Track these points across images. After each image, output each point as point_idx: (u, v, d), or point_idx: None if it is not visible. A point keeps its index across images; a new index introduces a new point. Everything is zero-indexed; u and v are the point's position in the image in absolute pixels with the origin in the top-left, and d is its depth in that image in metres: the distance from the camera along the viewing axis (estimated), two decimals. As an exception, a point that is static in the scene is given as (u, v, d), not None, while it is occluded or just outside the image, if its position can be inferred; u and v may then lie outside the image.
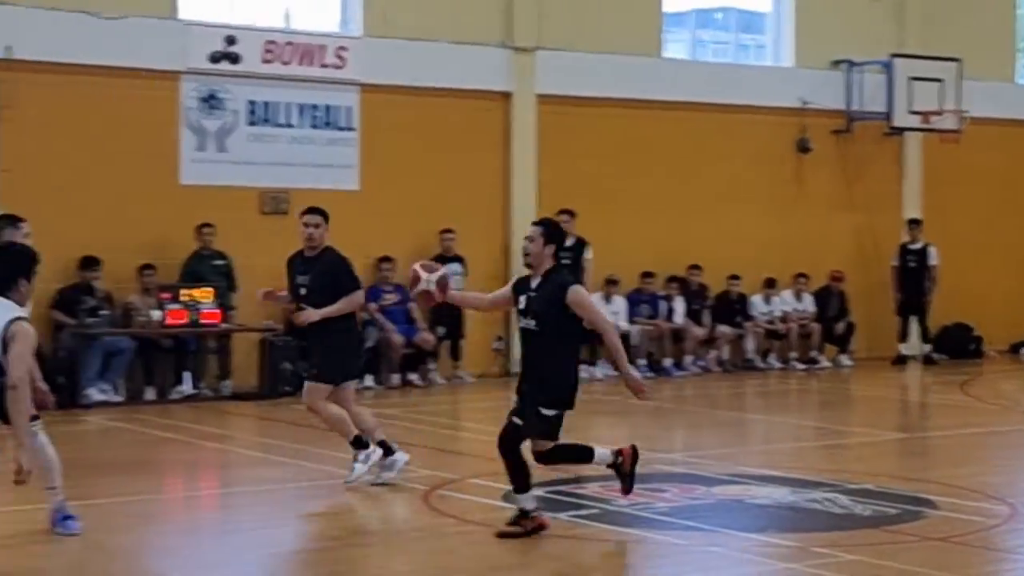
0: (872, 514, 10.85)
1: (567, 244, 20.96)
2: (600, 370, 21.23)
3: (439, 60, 20.83)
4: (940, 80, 24.02)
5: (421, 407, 17.99)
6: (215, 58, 19.42)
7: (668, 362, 22.08)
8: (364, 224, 19.58)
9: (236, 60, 19.54)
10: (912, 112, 23.90)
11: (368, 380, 19.39)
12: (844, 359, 23.55)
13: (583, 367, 21.15)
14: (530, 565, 9.53)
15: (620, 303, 21.82)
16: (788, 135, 23.67)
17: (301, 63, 19.98)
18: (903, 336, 24.14)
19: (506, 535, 9.89)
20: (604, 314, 10.25)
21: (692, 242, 22.69)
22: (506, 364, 21.07)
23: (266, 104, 19.88)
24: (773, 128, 23.51)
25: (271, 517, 11.06)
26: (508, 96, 21.53)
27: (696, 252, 22.65)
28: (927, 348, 24.34)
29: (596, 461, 10.25)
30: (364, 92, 20.43)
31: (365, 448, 11.78)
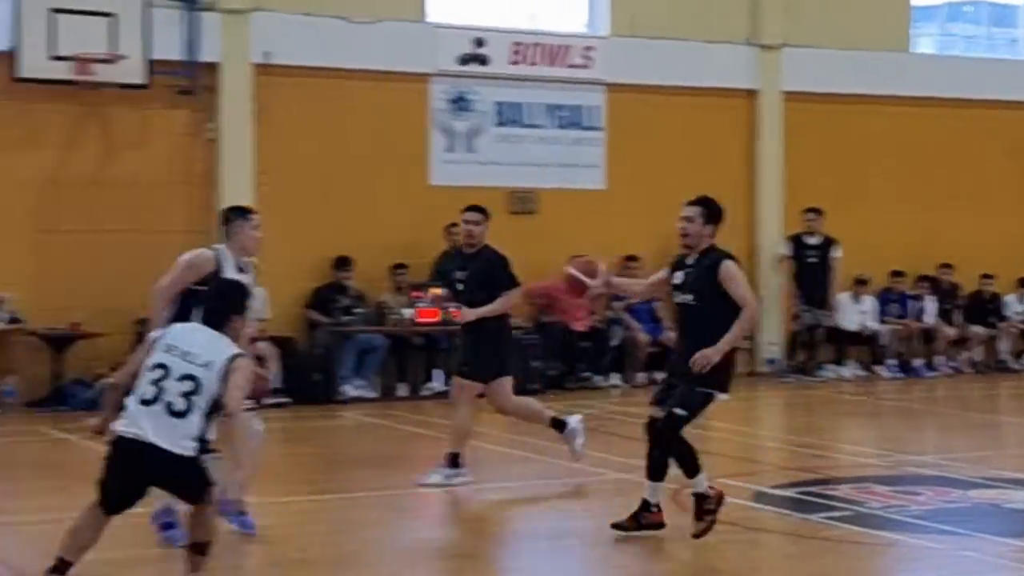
0: None
1: (813, 243, 20.91)
2: (848, 370, 20.99)
3: (685, 59, 20.82)
4: None
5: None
6: (464, 60, 19.75)
7: (919, 363, 21.69)
8: (609, 223, 19.72)
9: (484, 62, 19.84)
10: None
11: (614, 379, 19.51)
12: (1103, 360, 22.88)
13: (831, 367, 21.04)
14: (783, 567, 9.50)
15: (869, 302, 21.52)
16: (1043, 129, 23.06)
17: (548, 64, 20.19)
18: None
19: (620, 527, 9.75)
20: (751, 292, 9.82)
21: (943, 240, 22.24)
22: (751, 363, 20.93)
23: (514, 105, 20.13)
24: (1027, 123, 22.93)
25: (516, 512, 11.20)
26: (754, 94, 21.43)
27: (947, 250, 22.21)
28: None
29: (693, 481, 9.74)
30: (610, 92, 20.54)
31: (456, 467, 11.91)
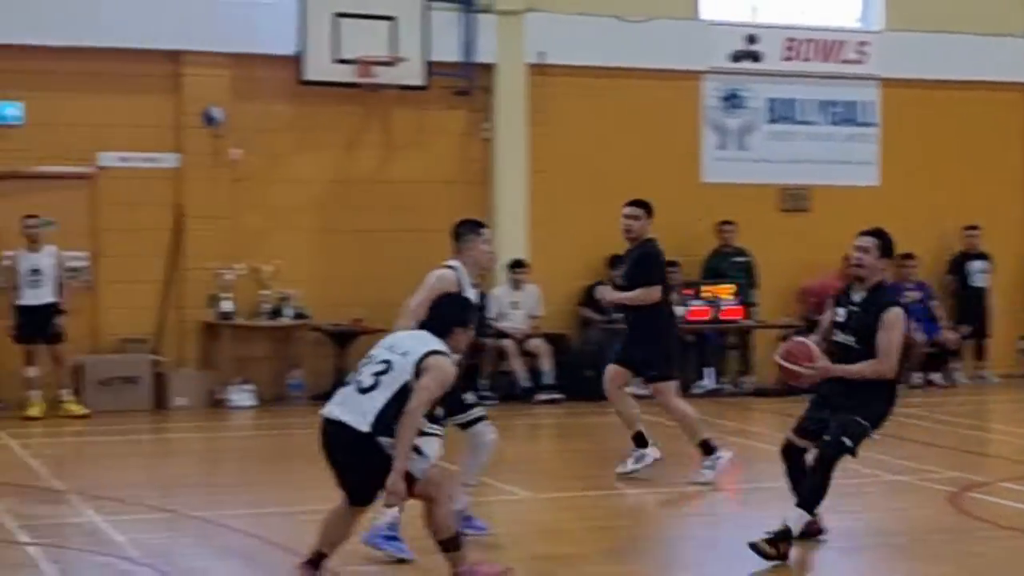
0: None
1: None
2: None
3: (960, 53, 20.34)
4: None
5: (943, 407, 17.63)
6: (736, 57, 19.68)
7: None
8: (883, 220, 18.69)
9: (757, 58, 19.74)
10: None
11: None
12: None
13: None
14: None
15: None
16: None
17: (821, 59, 19.98)
18: None
19: (760, 550, 9.23)
20: (896, 348, 9.34)
21: None
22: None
23: (786, 101, 19.98)
24: None
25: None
26: (1032, 88, 20.89)
27: None
28: None
29: (798, 514, 9.35)
30: (885, 87, 20.24)
31: (711, 452, 11.95)
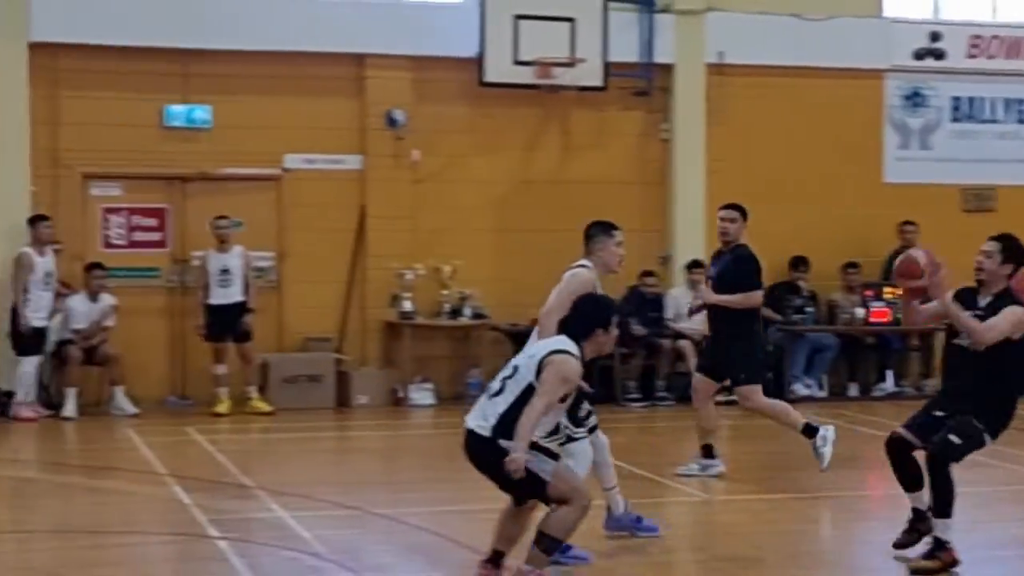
0: None
1: None
2: None
3: None
4: None
5: None
6: (919, 55, 19.42)
7: None
8: None
9: (940, 56, 19.45)
10: None
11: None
12: None
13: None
14: None
15: None
16: None
17: (1007, 57, 19.62)
18: None
19: (921, 571, 9.10)
20: (1000, 331, 8.95)
21: None
22: None
23: (970, 100, 19.67)
24: None
25: (968, 518, 10.91)
26: None
27: None
28: None
29: (942, 523, 9.12)
30: (1072, 84, 19.84)
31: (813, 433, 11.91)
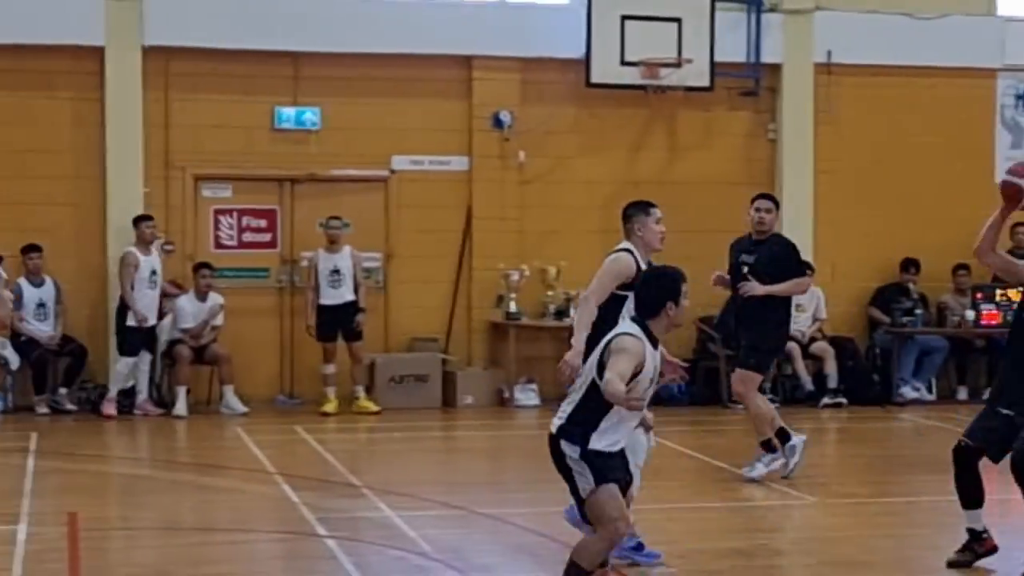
0: None
1: None
2: None
3: None
4: None
5: None
6: (1032, 55, 19.06)
7: None
8: None
9: (1044, 55, 19.07)
10: None
11: None
12: None
13: None
14: None
15: None
16: None
17: None
18: None
19: (956, 564, 8.94)
20: None
21: None
22: None
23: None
24: None
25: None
26: None
27: None
28: None
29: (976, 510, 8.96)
30: None
31: (773, 451, 11.87)
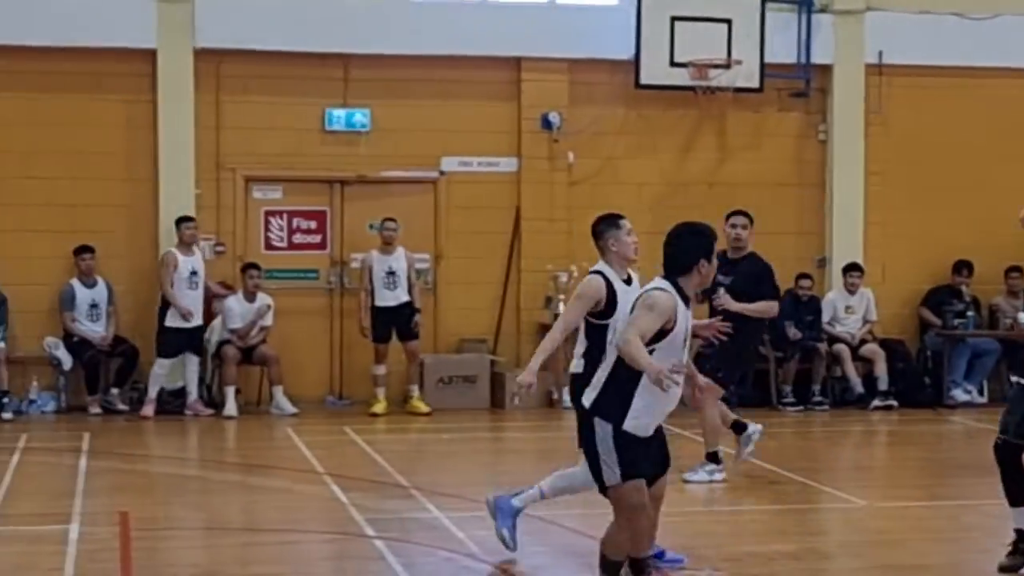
0: None
1: None
2: None
3: None
4: None
5: None
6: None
7: None
8: None
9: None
10: None
11: None
12: None
13: None
14: None
15: None
16: None
17: None
18: None
19: (1008, 569, 8.74)
20: None
21: None
22: None
23: None
24: None
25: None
26: None
27: None
28: None
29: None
30: None
31: (717, 463, 11.96)
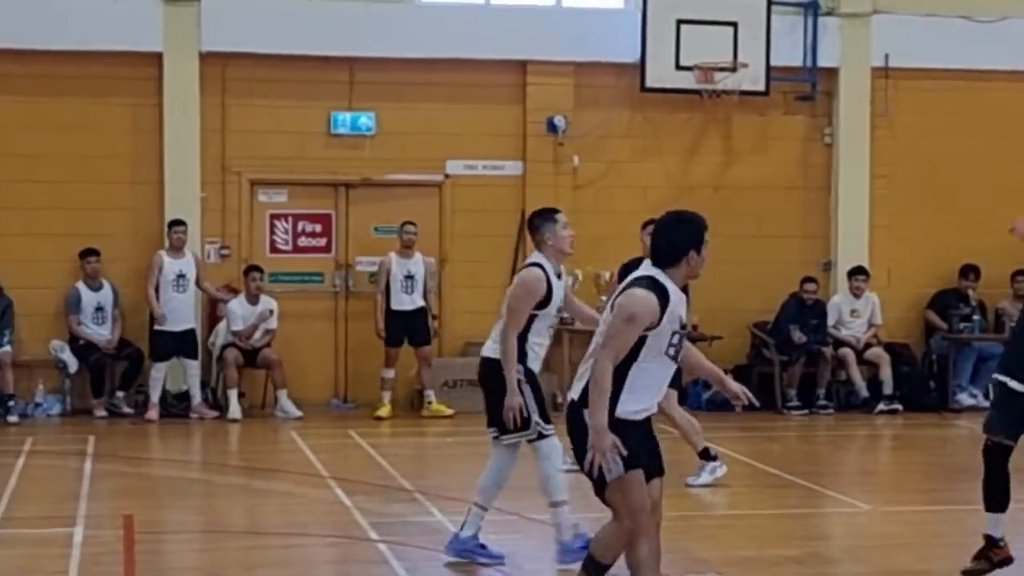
0: None
1: None
2: None
3: None
4: None
5: None
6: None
7: None
8: None
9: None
10: None
11: None
12: None
13: None
14: None
15: None
16: None
17: None
18: None
19: (971, 573, 8.64)
20: None
21: None
22: None
23: None
24: None
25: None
26: None
27: None
28: None
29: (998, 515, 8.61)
30: None
31: (713, 459, 12.10)
